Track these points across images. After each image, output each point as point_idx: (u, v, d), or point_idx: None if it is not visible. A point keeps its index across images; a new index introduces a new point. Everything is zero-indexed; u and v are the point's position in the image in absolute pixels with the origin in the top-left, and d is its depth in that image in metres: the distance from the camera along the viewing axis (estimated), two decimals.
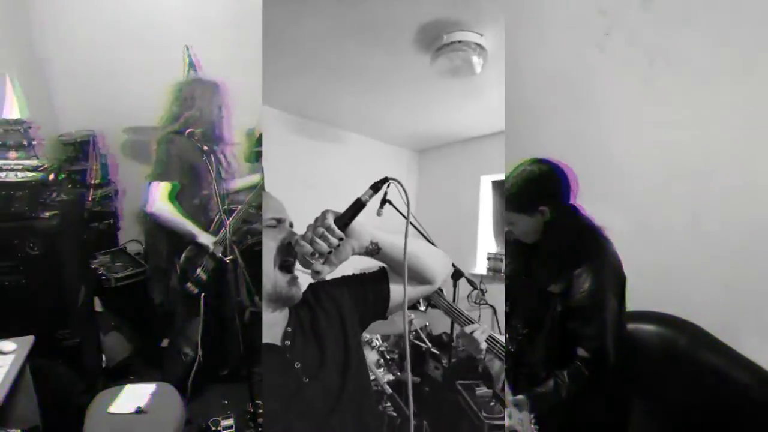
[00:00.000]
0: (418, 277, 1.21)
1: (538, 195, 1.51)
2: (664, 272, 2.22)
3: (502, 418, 2.40)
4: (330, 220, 1.06)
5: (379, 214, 2.59)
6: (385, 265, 1.23)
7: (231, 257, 2.30)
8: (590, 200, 1.86)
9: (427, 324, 2.99)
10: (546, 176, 1.52)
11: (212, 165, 2.47)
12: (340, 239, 1.06)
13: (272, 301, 1.14)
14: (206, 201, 2.49)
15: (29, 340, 2.01)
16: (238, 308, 2.57)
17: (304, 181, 4.09)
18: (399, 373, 2.76)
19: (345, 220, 1.08)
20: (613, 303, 1.45)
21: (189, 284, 2.36)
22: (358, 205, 1.08)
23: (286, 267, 1.13)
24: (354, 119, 4.38)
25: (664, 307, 2.00)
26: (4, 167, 2.27)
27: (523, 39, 3.30)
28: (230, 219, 2.42)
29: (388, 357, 2.84)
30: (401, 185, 1.11)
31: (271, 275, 1.11)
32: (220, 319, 2.68)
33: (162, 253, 2.44)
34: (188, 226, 2.34)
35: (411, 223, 1.11)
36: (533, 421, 1.38)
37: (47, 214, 2.24)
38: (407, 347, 1.11)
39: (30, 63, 3.61)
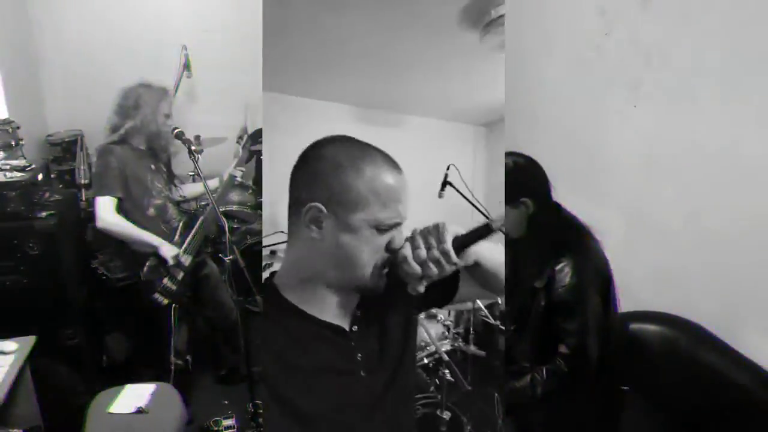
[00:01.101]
0: (493, 287, 1.10)
1: (519, 187, 1.51)
2: (663, 272, 2.23)
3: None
4: (449, 243, 0.91)
5: (440, 196, 2.76)
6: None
7: (231, 257, 2.29)
8: (588, 198, 1.86)
9: (499, 300, 2.89)
10: (523, 169, 1.53)
11: (162, 173, 2.40)
12: (454, 265, 0.93)
13: (345, 288, 1.01)
14: (162, 210, 2.40)
15: (30, 340, 2.01)
16: (220, 312, 2.55)
17: None
18: (463, 345, 2.82)
19: (465, 242, 0.93)
20: (596, 299, 1.44)
21: (156, 295, 2.28)
22: (484, 231, 0.93)
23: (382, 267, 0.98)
24: (414, 103, 4.49)
25: (665, 307, 2.01)
26: None
27: (524, 38, 3.31)
28: (194, 229, 2.36)
29: (453, 331, 2.86)
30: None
31: (361, 266, 0.96)
32: (210, 324, 2.67)
33: (125, 266, 2.34)
34: (146, 237, 2.25)
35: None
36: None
37: (44, 213, 2.24)
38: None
39: (24, 62, 3.61)
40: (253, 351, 3.06)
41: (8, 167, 2.26)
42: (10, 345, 1.94)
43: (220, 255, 3.09)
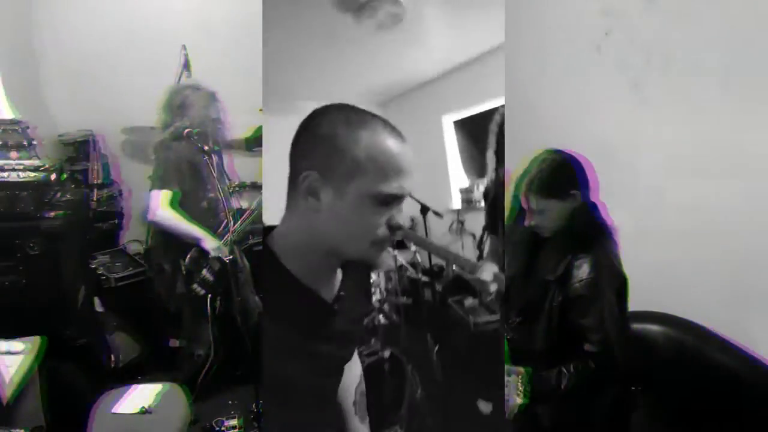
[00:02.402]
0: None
1: (569, 180, 1.51)
2: (664, 272, 2.24)
3: (487, 321, 3.24)
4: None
5: None
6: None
7: (231, 257, 2.31)
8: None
9: (419, 259, 3.40)
10: (569, 164, 1.53)
11: (213, 167, 2.45)
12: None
13: (336, 263, 1.01)
14: (214, 204, 2.48)
15: (37, 340, 2.01)
16: (246, 309, 2.56)
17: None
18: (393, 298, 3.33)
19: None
20: (612, 298, 1.44)
21: (195, 286, 2.34)
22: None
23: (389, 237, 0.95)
24: (304, 89, 4.57)
25: (668, 307, 2.02)
26: (6, 167, 2.27)
27: (524, 38, 3.33)
28: (239, 222, 2.41)
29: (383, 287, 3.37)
30: None
31: (356, 239, 0.93)
32: (232, 319, 2.68)
33: (166, 256, 2.41)
34: (194, 231, 2.32)
35: None
36: (521, 389, 1.42)
37: (53, 214, 2.25)
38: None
39: (29, 62, 3.60)
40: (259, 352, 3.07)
41: (22, 167, 2.27)
42: (17, 345, 1.94)
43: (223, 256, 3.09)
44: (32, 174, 2.24)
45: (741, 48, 1.87)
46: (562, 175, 1.51)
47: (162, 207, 2.27)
